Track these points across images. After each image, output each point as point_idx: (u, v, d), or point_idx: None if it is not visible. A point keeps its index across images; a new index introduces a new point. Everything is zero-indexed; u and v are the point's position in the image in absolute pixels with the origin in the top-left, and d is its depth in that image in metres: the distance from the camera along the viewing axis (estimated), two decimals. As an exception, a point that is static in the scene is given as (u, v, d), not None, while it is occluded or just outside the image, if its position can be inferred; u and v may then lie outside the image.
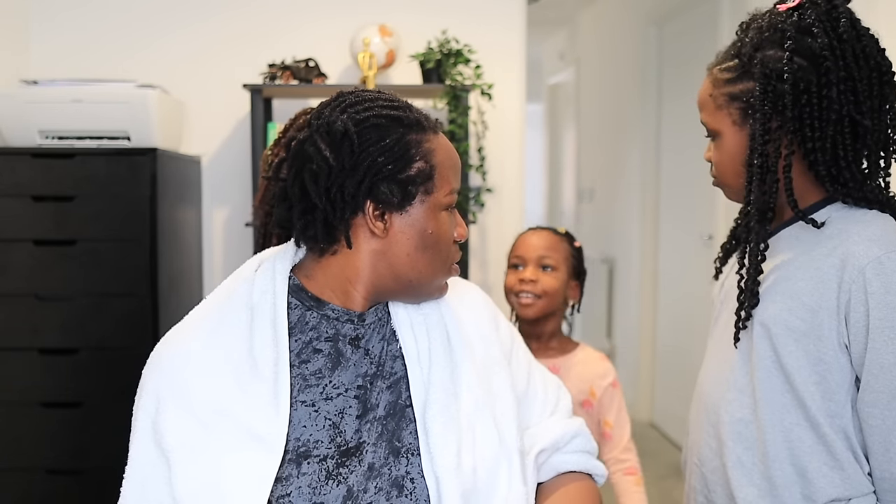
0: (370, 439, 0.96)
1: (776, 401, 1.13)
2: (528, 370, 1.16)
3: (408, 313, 1.05)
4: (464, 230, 1.06)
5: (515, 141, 2.88)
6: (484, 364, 1.07)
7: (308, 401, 0.96)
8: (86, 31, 2.79)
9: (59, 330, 2.29)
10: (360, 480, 0.93)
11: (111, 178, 2.30)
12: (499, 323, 1.16)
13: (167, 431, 0.93)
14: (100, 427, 2.30)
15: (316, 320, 1.01)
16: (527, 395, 1.14)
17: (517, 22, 2.88)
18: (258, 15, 2.82)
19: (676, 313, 4.03)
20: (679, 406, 3.80)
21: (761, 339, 1.14)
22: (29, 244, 2.28)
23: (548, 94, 6.55)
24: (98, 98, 2.34)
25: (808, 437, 1.12)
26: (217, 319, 1.00)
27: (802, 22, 1.10)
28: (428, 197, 0.99)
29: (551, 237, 1.73)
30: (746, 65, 1.15)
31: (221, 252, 2.85)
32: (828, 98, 1.08)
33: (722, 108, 1.19)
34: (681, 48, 3.94)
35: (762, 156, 1.12)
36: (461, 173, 1.08)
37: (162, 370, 0.98)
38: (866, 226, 1.11)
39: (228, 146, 2.84)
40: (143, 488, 0.93)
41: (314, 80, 2.62)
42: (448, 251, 1.03)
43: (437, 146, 1.01)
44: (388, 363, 1.02)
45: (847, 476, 1.10)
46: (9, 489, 2.31)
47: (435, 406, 0.98)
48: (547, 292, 1.68)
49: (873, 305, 1.06)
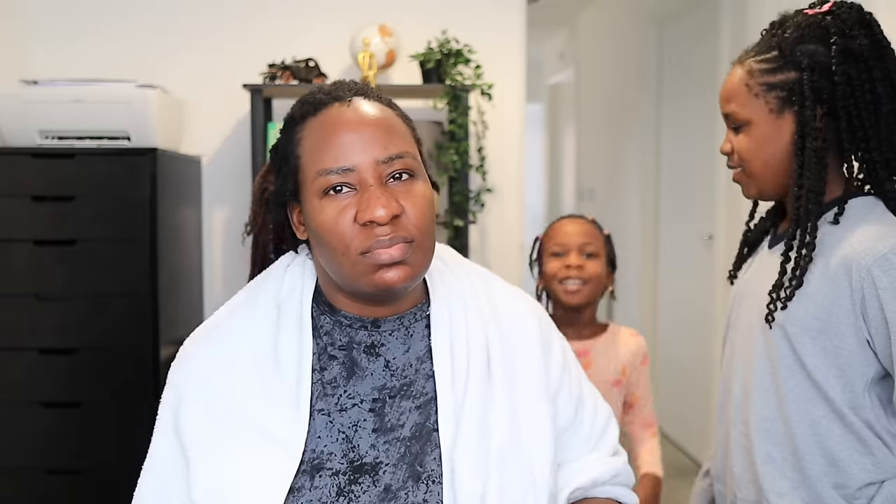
0: (390, 459, 0.91)
1: (801, 396, 1.17)
2: (578, 401, 1.08)
3: (449, 327, 0.97)
4: (366, 211, 0.87)
5: (515, 141, 2.88)
6: (524, 395, 0.99)
7: (325, 410, 0.93)
8: (86, 31, 2.79)
9: (58, 330, 2.29)
10: (374, 501, 0.89)
11: (111, 178, 2.30)
12: (551, 348, 1.06)
13: (187, 429, 0.92)
14: (100, 427, 2.30)
15: (329, 326, 0.97)
16: (570, 427, 1.06)
17: (517, 22, 2.88)
18: (258, 15, 2.82)
19: (676, 313, 4.04)
20: (679, 406, 3.80)
21: (780, 338, 1.18)
22: (29, 244, 2.28)
23: (548, 94, 6.56)
24: (98, 98, 2.34)
25: (836, 427, 1.16)
26: (246, 315, 0.98)
27: (843, 24, 1.16)
28: (306, 188, 0.91)
29: (587, 225, 1.74)
30: (788, 56, 1.18)
31: (221, 252, 2.85)
32: (874, 93, 1.14)
33: (759, 96, 1.21)
34: (681, 48, 3.94)
35: (815, 139, 1.16)
36: (463, 174, 1.05)
37: (187, 367, 0.96)
38: (871, 224, 1.14)
39: (228, 146, 2.84)
40: (162, 481, 0.93)
41: (314, 80, 2.62)
42: (343, 239, 0.88)
43: (310, 129, 0.92)
44: (419, 382, 0.95)
45: (878, 461, 1.15)
46: (9, 489, 2.31)
47: (464, 441, 0.91)
48: (592, 278, 1.70)
49: (886, 300, 1.10)
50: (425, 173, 0.96)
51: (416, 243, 0.89)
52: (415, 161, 0.93)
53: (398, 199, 0.89)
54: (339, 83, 0.96)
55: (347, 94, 0.93)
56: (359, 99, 0.93)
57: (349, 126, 0.90)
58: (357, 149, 0.89)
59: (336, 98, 0.92)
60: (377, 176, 0.89)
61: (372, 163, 0.89)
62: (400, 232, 0.88)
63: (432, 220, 0.93)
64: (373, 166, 0.89)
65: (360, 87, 0.96)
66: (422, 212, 0.90)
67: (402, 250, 0.88)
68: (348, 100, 0.92)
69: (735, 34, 3.17)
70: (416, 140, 0.97)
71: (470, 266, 1.09)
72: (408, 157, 0.91)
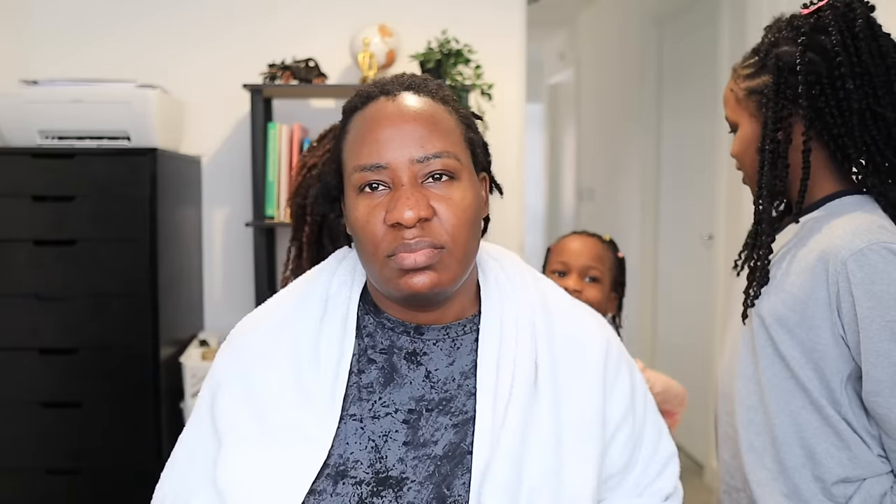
0: (417, 476, 0.86)
1: (781, 387, 1.18)
2: (637, 442, 0.98)
3: (499, 343, 0.91)
4: (394, 211, 0.83)
5: (515, 141, 2.88)
6: (571, 427, 0.91)
7: (357, 415, 0.89)
8: (86, 31, 2.79)
9: (58, 330, 2.29)
10: None
11: (111, 178, 2.30)
12: (617, 380, 0.97)
13: (222, 415, 0.91)
14: (100, 427, 2.30)
15: (373, 327, 0.93)
16: (621, 472, 0.98)
17: (517, 22, 2.88)
18: (258, 15, 2.82)
19: (676, 313, 4.03)
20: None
21: (759, 329, 1.20)
22: (29, 244, 2.28)
23: (548, 94, 6.56)
24: (98, 98, 2.34)
25: (814, 419, 1.16)
26: (293, 307, 0.96)
27: (819, 22, 1.17)
28: (346, 182, 0.89)
29: (597, 245, 1.64)
30: (763, 60, 1.22)
31: (221, 252, 2.85)
32: (844, 90, 1.14)
33: (742, 101, 1.26)
34: (681, 48, 3.94)
35: (773, 142, 1.19)
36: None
37: (228, 355, 0.96)
38: (851, 219, 1.15)
39: (228, 146, 2.84)
40: (192, 457, 0.93)
41: (314, 80, 2.62)
42: (373, 239, 0.84)
43: (354, 123, 0.89)
44: (459, 399, 0.90)
45: (854, 456, 1.14)
46: (9, 489, 2.31)
47: (497, 470, 0.85)
48: (590, 304, 1.64)
49: (859, 296, 1.09)
50: (473, 174, 0.90)
51: (446, 250, 0.84)
52: (457, 162, 0.86)
53: (431, 202, 0.84)
54: (397, 77, 0.91)
55: (397, 89, 0.88)
56: (406, 93, 0.88)
57: (388, 121, 0.85)
58: (394, 145, 0.84)
59: (384, 91, 0.88)
60: (412, 175, 0.84)
61: (407, 161, 0.84)
62: (427, 236, 0.83)
63: (472, 226, 0.87)
64: (407, 165, 0.84)
65: (414, 80, 0.90)
66: (457, 217, 0.84)
67: (428, 256, 0.83)
68: (395, 94, 0.88)
69: (735, 34, 3.17)
70: (469, 139, 0.91)
71: (532, 275, 1.02)
72: (448, 157, 0.85)
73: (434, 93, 0.90)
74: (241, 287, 2.82)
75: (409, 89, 0.89)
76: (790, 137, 1.19)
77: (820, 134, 1.18)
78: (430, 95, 0.89)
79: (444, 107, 0.90)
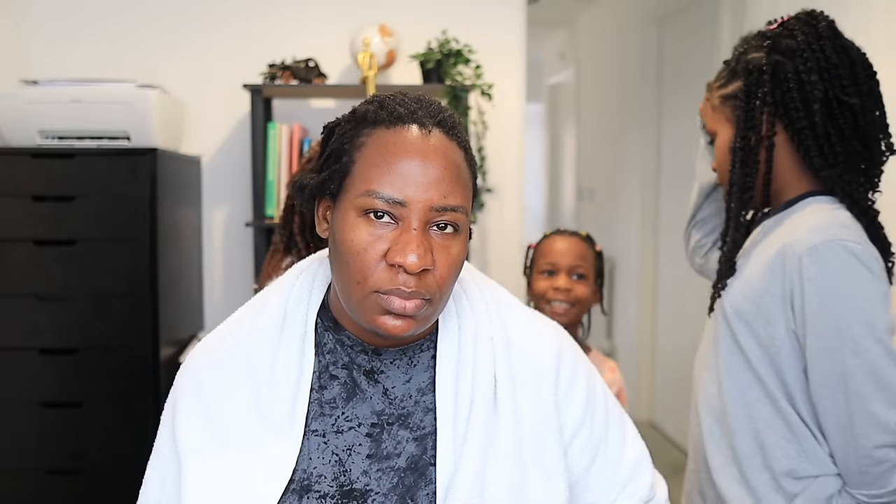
0: (381, 489, 0.87)
1: (737, 377, 1.22)
2: (600, 443, 0.99)
3: (456, 360, 0.92)
4: (400, 253, 0.81)
5: (515, 141, 2.88)
6: (532, 436, 0.92)
7: (319, 430, 0.90)
8: (86, 31, 2.79)
9: (59, 330, 2.29)
10: None
11: (111, 178, 2.30)
12: (573, 386, 0.97)
13: (182, 437, 0.91)
14: (100, 427, 2.30)
15: (332, 344, 0.93)
16: (587, 473, 0.98)
17: (517, 22, 2.88)
18: (258, 15, 2.82)
19: (676, 313, 4.03)
20: (679, 405, 3.80)
21: (722, 321, 1.24)
22: (29, 244, 2.28)
23: (548, 94, 6.55)
24: (98, 98, 2.34)
25: (767, 411, 1.19)
26: (249, 327, 0.95)
27: (784, 29, 1.23)
28: (348, 195, 0.85)
29: (580, 244, 1.74)
30: (734, 68, 1.28)
31: (221, 252, 2.85)
32: (809, 83, 1.18)
33: (717, 108, 1.32)
34: (681, 48, 3.94)
35: (744, 139, 1.23)
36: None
37: (189, 375, 0.95)
38: (811, 215, 1.17)
39: (228, 146, 2.84)
40: (163, 481, 0.93)
41: (314, 80, 2.62)
42: (363, 268, 0.82)
43: (376, 139, 0.85)
44: (416, 415, 0.91)
45: (803, 450, 1.17)
46: (9, 489, 2.31)
47: (461, 483, 0.86)
48: (580, 300, 1.71)
49: (810, 291, 1.11)
50: (468, 230, 0.90)
51: (432, 300, 0.84)
52: (465, 217, 0.86)
53: (433, 252, 0.83)
54: (424, 102, 0.88)
55: (430, 123, 0.85)
56: (438, 131, 0.85)
57: (419, 158, 0.83)
58: (419, 187, 0.82)
59: (416, 121, 0.85)
60: (425, 220, 0.83)
61: (426, 206, 0.82)
62: (421, 288, 0.82)
63: (457, 277, 0.87)
64: (425, 210, 0.82)
65: (445, 117, 0.88)
66: (449, 271, 0.85)
67: (417, 306, 0.82)
68: (429, 129, 0.85)
69: (735, 34, 3.17)
70: (474, 187, 0.91)
71: (487, 286, 1.02)
72: (461, 212, 0.84)
73: (461, 138, 0.89)
74: (241, 287, 2.82)
75: (440, 126, 0.86)
76: (759, 134, 1.23)
77: (786, 129, 1.22)
78: (458, 140, 0.88)
79: (465, 154, 0.89)
